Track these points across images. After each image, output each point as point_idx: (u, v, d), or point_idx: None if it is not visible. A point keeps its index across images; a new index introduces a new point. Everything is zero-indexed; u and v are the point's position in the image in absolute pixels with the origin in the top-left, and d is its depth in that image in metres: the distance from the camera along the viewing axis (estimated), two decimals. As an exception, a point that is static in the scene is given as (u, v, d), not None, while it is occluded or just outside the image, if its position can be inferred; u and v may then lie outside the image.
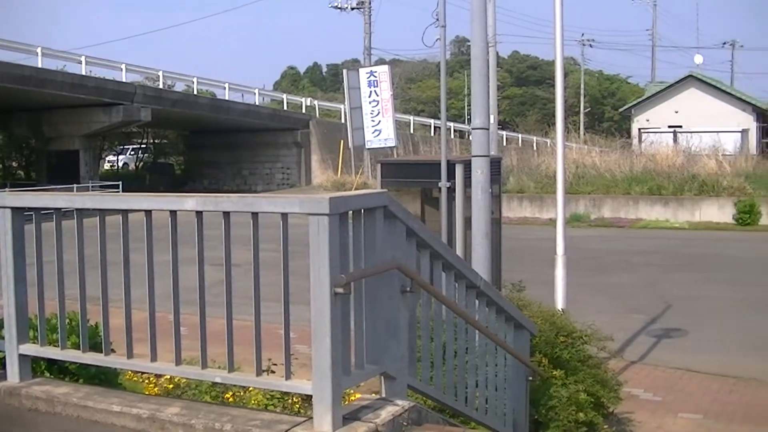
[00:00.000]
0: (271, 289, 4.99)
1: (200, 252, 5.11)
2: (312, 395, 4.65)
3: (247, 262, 4.86)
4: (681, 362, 14.15)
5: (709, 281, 22.70)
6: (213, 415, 5.00)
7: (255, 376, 5.05)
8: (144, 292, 5.29)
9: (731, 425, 11.05)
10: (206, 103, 52.27)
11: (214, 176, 58.41)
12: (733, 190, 38.24)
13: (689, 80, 67.38)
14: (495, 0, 18.98)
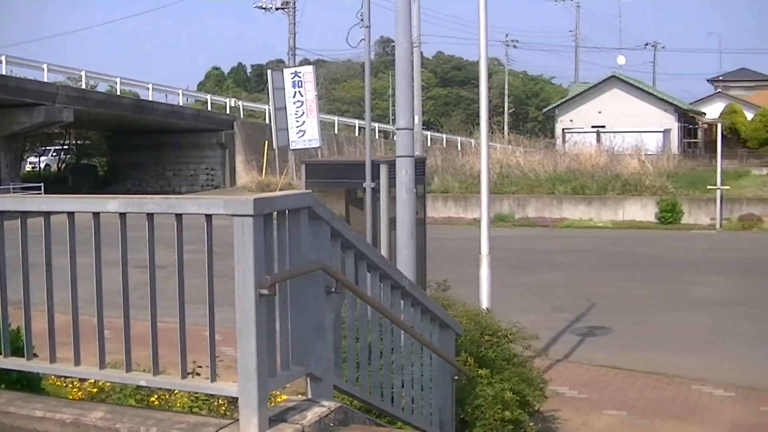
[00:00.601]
0: (195, 291, 4.96)
1: (124, 254, 5.06)
2: (238, 397, 4.63)
3: (172, 264, 4.82)
4: (605, 360, 14.30)
5: (633, 279, 22.96)
6: (138, 419, 4.95)
7: (180, 379, 5.01)
8: (67, 295, 5.22)
9: (654, 421, 11.20)
10: (129, 103, 51.85)
11: (138, 177, 57.90)
12: (655, 190, 38.75)
13: (612, 81, 68.08)
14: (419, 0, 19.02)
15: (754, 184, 43.42)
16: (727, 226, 35.91)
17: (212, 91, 74.81)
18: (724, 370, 13.88)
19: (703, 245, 30.77)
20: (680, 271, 24.32)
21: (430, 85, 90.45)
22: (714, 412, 11.63)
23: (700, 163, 51.94)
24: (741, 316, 18.41)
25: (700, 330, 17.12)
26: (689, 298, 20.56)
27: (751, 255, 28.07)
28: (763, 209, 36.77)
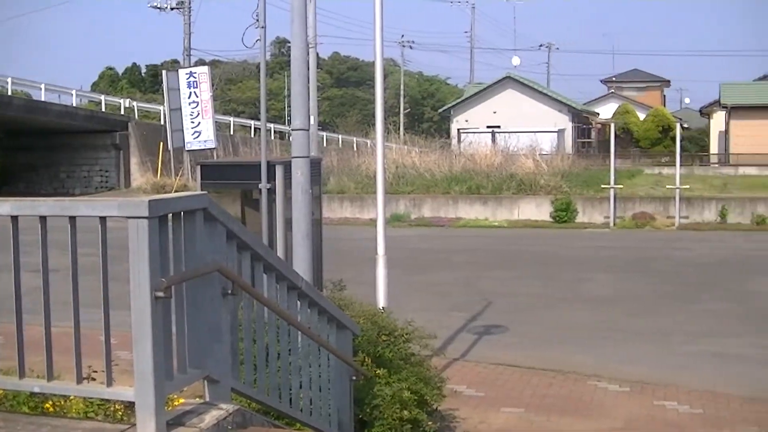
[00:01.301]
0: (90, 295, 4.90)
1: (16, 258, 4.98)
2: (135, 402, 4.59)
3: (66, 267, 4.76)
4: (502, 358, 14.43)
5: (528, 278, 23.23)
6: (32, 426, 4.89)
7: (75, 384, 4.95)
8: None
9: (551, 417, 11.33)
10: (21, 104, 50.91)
11: (30, 179, 56.81)
12: (550, 189, 39.20)
13: (507, 81, 68.76)
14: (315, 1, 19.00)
15: (647, 183, 44.17)
16: (621, 224, 36.47)
17: (106, 92, 73.79)
18: (619, 366, 14.11)
19: (597, 243, 31.23)
20: (574, 269, 24.66)
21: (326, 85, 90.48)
22: (609, 407, 11.81)
23: (593, 163, 52.72)
24: (633, 313, 18.75)
25: (595, 326, 17.39)
26: (583, 295, 20.86)
27: (643, 253, 28.56)
28: (655, 208, 37.42)
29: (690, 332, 16.82)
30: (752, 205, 36.85)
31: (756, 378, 13.55)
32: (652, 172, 53.03)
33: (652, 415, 11.54)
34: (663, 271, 24.53)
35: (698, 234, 33.97)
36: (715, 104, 71.53)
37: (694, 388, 12.81)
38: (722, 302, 19.92)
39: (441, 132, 73.72)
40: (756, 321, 17.95)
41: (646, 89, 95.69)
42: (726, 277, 23.29)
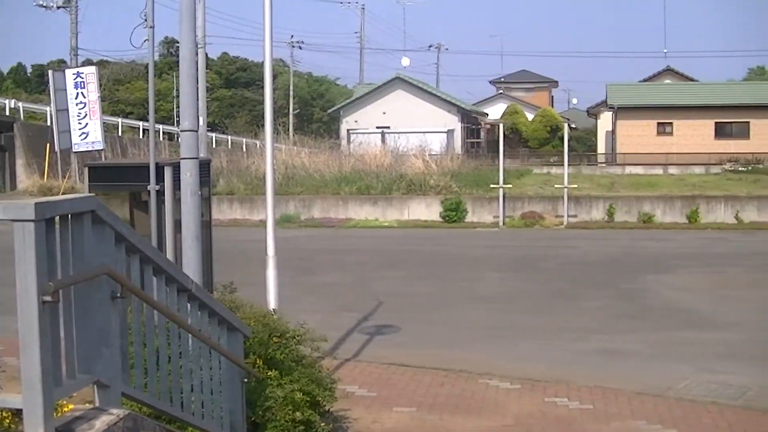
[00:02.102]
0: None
1: None
2: (22, 409, 4.50)
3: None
4: (394, 358, 14.44)
5: (419, 277, 23.32)
6: None
7: (-41, 391, 4.84)
8: None
9: (443, 416, 11.37)
10: None
11: None
12: (439, 189, 39.45)
13: (396, 82, 69.02)
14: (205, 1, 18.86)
15: (536, 183, 44.72)
16: (510, 223, 36.86)
17: (-11, 92, 72.36)
18: (510, 364, 14.23)
19: (487, 243, 31.51)
20: (465, 269, 24.84)
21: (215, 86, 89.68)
22: (501, 405, 11.90)
23: (483, 163, 53.22)
24: (523, 311, 18.96)
25: (485, 325, 17.53)
26: (474, 294, 21.02)
27: (533, 251, 28.89)
28: (544, 207, 37.91)
29: (580, 329, 17.06)
30: (638, 203, 37.57)
31: (644, 373, 13.79)
32: (540, 172, 53.70)
33: (544, 411, 11.66)
34: (552, 270, 24.85)
35: (586, 232, 34.50)
36: (602, 105, 72.80)
37: (584, 384, 12.97)
38: (611, 299, 20.25)
39: (331, 133, 73.72)
40: (643, 317, 18.27)
41: (535, 90, 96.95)
42: (614, 274, 23.67)
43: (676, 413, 11.54)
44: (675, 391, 12.70)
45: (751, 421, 11.25)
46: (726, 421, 11.22)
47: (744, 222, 36.40)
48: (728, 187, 43.22)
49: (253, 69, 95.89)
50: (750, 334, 16.75)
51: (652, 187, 42.97)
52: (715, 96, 65.22)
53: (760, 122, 63.00)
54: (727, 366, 14.22)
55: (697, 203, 37.29)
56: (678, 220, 36.82)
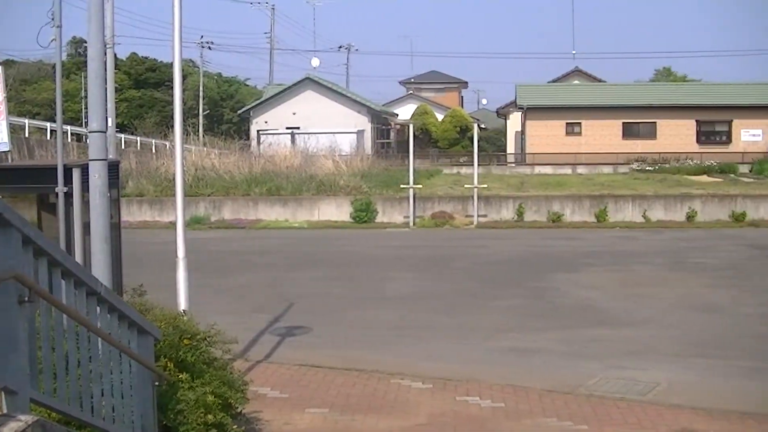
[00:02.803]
0: None
1: None
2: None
3: None
4: (306, 359, 14.42)
5: (330, 278, 23.31)
6: None
7: None
8: None
9: (356, 416, 11.37)
10: None
11: None
12: (350, 189, 39.48)
13: (306, 82, 68.93)
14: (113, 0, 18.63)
15: (446, 183, 44.97)
16: (420, 223, 36.99)
17: None
18: (422, 363, 14.29)
19: (398, 243, 31.59)
20: (376, 269, 24.88)
21: (124, 86, 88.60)
22: (413, 405, 11.93)
23: (393, 163, 53.39)
24: (434, 311, 19.03)
25: (397, 325, 17.58)
26: (385, 294, 21.07)
27: (443, 251, 29.02)
28: (454, 207, 38.10)
29: (490, 328, 17.17)
30: (548, 203, 37.94)
31: (554, 370, 13.95)
32: (450, 172, 54.06)
33: (456, 410, 11.72)
34: (463, 269, 24.99)
35: (496, 232, 34.77)
36: (512, 105, 73.44)
37: (495, 382, 13.07)
38: (521, 298, 20.42)
39: (241, 134, 73.32)
40: (553, 316, 18.46)
41: (444, 90, 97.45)
42: (524, 273, 23.87)
43: (586, 410, 11.68)
44: (585, 388, 12.86)
45: (659, 416, 11.41)
46: (635, 416, 11.38)
47: (651, 221, 36.96)
48: (636, 186, 43.84)
49: (163, 69, 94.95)
50: (658, 330, 17.00)
51: (561, 187, 43.42)
52: (623, 97, 66.13)
53: (666, 122, 63.99)
54: (635, 362, 14.43)
55: (605, 202, 37.78)
56: (587, 219, 37.26)
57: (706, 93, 67.32)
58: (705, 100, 64.80)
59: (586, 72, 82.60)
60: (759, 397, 11.67)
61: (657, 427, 10.95)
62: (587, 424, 11.03)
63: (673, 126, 63.87)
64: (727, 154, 61.04)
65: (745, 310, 19.04)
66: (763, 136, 64.38)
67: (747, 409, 11.63)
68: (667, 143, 62.70)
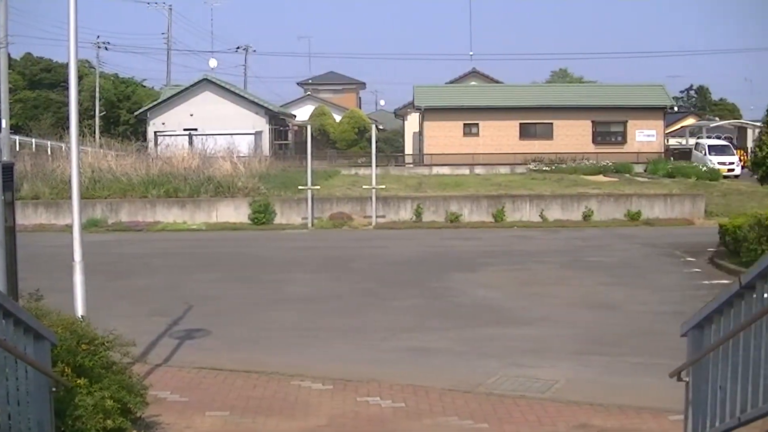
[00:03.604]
0: None
1: None
2: None
3: None
4: (205, 361, 14.33)
5: (229, 280, 23.20)
6: None
7: None
8: None
9: (257, 419, 11.33)
10: None
11: None
12: (248, 191, 39.32)
13: (204, 83, 68.48)
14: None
15: (344, 184, 45.05)
16: (319, 224, 36.96)
17: None
18: (322, 365, 14.30)
19: (297, 244, 31.56)
20: (275, 270, 24.82)
21: (18, 87, 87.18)
22: (314, 406, 11.93)
23: (291, 164, 53.32)
24: (334, 312, 19.06)
25: (297, 326, 17.57)
26: (284, 296, 21.02)
27: (342, 252, 29.03)
28: (352, 208, 38.14)
29: (390, 328, 17.24)
30: (446, 203, 38.15)
31: (454, 370, 14.06)
32: (349, 173, 54.17)
33: (356, 411, 11.74)
34: (362, 270, 25.04)
35: (395, 232, 34.89)
36: (410, 106, 73.84)
37: (395, 382, 13.11)
38: (420, 298, 20.52)
39: (138, 135, 72.42)
40: (452, 315, 18.57)
41: (342, 91, 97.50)
42: (423, 273, 23.99)
43: (486, 408, 11.78)
44: (485, 387, 12.98)
45: (558, 413, 11.56)
46: (535, 414, 11.51)
47: (549, 220, 37.38)
48: (533, 186, 44.38)
49: (58, 70, 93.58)
50: (556, 329, 17.22)
51: (459, 187, 43.75)
52: (520, 97, 66.88)
53: (563, 123, 64.88)
54: (534, 360, 14.60)
55: (503, 202, 38.11)
56: (485, 219, 37.54)
57: (601, 94, 68.42)
58: (600, 102, 65.84)
59: (484, 73, 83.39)
60: (653, 392, 11.85)
61: (556, 423, 11.09)
62: (487, 423, 11.12)
63: (570, 126, 64.79)
64: (622, 154, 62.13)
65: (639, 308, 19.39)
66: (657, 136, 65.66)
67: (642, 404, 11.82)
68: (563, 143, 63.58)
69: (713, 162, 56.13)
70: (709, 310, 7.57)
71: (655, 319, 17.93)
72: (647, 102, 66.03)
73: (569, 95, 68.67)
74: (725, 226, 25.73)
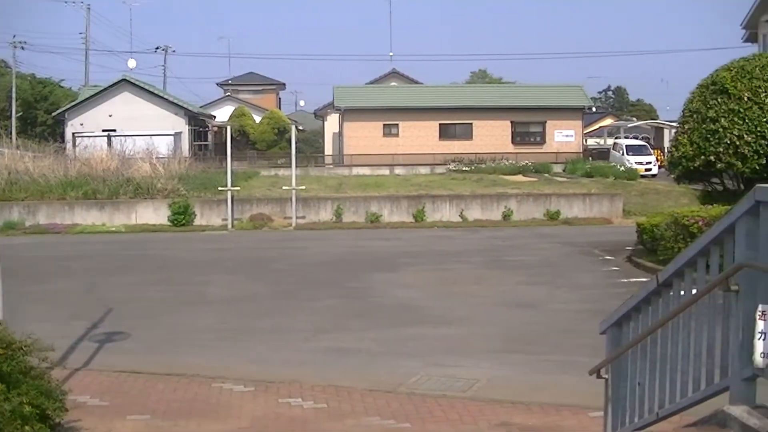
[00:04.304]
0: None
1: None
2: None
3: None
4: (125, 365, 14.23)
5: (149, 283, 23.06)
6: None
7: None
8: None
9: (179, 421, 11.27)
10: None
11: None
12: (167, 192, 39.08)
13: (123, 84, 67.80)
14: None
15: (264, 185, 44.92)
16: (239, 226, 36.85)
17: None
18: (243, 366, 14.28)
19: (217, 246, 31.43)
20: (196, 272, 24.70)
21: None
22: (235, 408, 11.90)
23: (211, 165, 52.98)
24: (255, 313, 19.04)
25: (217, 328, 17.52)
26: (205, 297, 20.94)
27: (262, 253, 28.98)
28: (272, 209, 38.08)
29: (311, 329, 17.25)
30: (366, 203, 38.25)
31: (375, 370, 14.11)
32: (268, 174, 54.00)
33: (278, 412, 11.73)
34: (282, 271, 25.01)
35: (315, 233, 34.92)
36: (329, 107, 73.79)
37: (317, 383, 13.13)
38: (341, 299, 20.57)
39: (56, 136, 71.43)
40: (373, 315, 18.66)
41: (262, 92, 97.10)
42: (344, 274, 24.04)
43: (408, 408, 11.83)
44: (406, 387, 13.04)
45: (480, 411, 11.64)
46: (456, 412, 11.58)
47: (469, 220, 37.63)
48: (453, 186, 44.57)
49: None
50: (476, 328, 17.36)
51: (379, 188, 43.83)
52: (440, 98, 67.08)
53: (482, 123, 65.19)
54: (455, 360, 14.70)
55: (423, 202, 38.29)
56: (405, 220, 37.70)
57: (520, 95, 68.91)
58: (520, 102, 66.30)
59: (404, 74, 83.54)
60: (573, 390, 11.99)
61: (478, 422, 11.17)
62: (409, 422, 11.17)
63: (489, 127, 65.14)
64: (541, 154, 62.57)
65: (559, 306, 19.60)
66: (576, 136, 66.28)
67: (562, 401, 11.95)
68: (483, 144, 63.89)
69: (631, 162, 56.76)
70: (627, 308, 7.67)
71: (574, 318, 18.12)
72: (566, 102, 66.60)
73: (489, 96, 69.04)
74: (643, 224, 26.08)
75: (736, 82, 28.84)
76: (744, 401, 5.64)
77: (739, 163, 28.23)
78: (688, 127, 30.32)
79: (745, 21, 41.86)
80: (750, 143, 27.80)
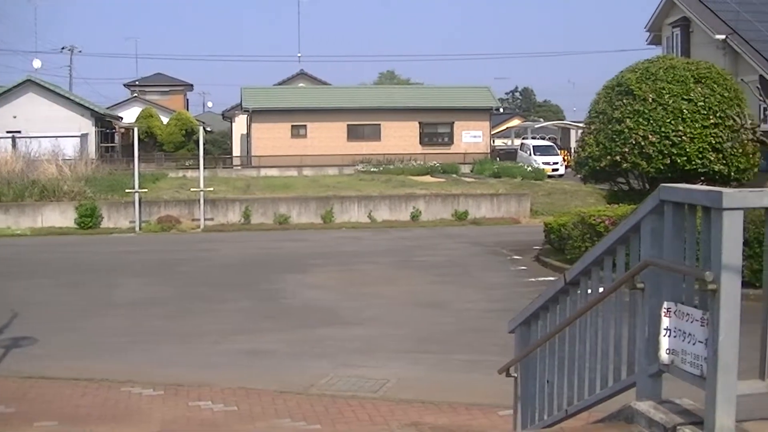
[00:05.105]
0: None
1: None
2: None
3: None
4: (33, 370, 14.04)
5: (57, 286, 22.77)
6: None
7: None
8: None
9: (88, 427, 11.15)
10: None
11: None
12: (74, 195, 38.56)
13: (27, 85, 66.81)
14: None
15: (171, 187, 44.59)
16: (147, 228, 36.50)
17: None
18: (153, 370, 14.19)
19: (125, 248, 31.10)
20: (104, 275, 24.44)
21: None
22: (146, 412, 11.82)
23: (118, 167, 52.57)
24: (164, 316, 18.92)
25: (126, 332, 17.34)
26: (113, 301, 20.74)
27: (171, 255, 28.77)
28: (180, 210, 37.77)
29: (221, 332, 17.18)
30: (274, 205, 38.12)
31: (286, 371, 14.11)
32: (176, 176, 53.68)
33: (188, 416, 11.68)
34: (191, 273, 24.87)
35: (224, 235, 34.76)
36: (237, 108, 73.51)
37: (227, 386, 13.09)
38: (251, 300, 20.52)
39: (-43, 138, 70.37)
40: (283, 317, 18.66)
41: (170, 93, 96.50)
42: (253, 275, 23.97)
43: (318, 409, 11.86)
44: (317, 388, 13.06)
45: (390, 411, 11.70)
46: (367, 413, 11.63)
47: (377, 221, 37.71)
48: (361, 187, 44.64)
49: None
50: (386, 328, 17.43)
51: (287, 189, 43.75)
52: (348, 99, 67.19)
53: (390, 124, 65.46)
54: (365, 360, 14.76)
55: (331, 203, 38.29)
56: (314, 221, 37.65)
57: (428, 96, 69.31)
58: (427, 103, 66.73)
59: (312, 75, 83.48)
60: (483, 389, 12.11)
61: (388, 422, 11.21)
62: (320, 423, 11.20)
63: (397, 128, 65.42)
64: (449, 154, 63.04)
65: (468, 306, 19.75)
66: (483, 137, 66.85)
67: (472, 400, 12.05)
68: (391, 145, 64.15)
69: (538, 162, 57.45)
70: (535, 307, 7.77)
71: (483, 317, 18.29)
72: (473, 103, 67.14)
73: (397, 97, 69.33)
74: (550, 224, 26.37)
75: (641, 84, 29.21)
76: (650, 396, 5.74)
77: (644, 163, 28.58)
78: (595, 128, 30.65)
79: (649, 24, 42.52)
80: (654, 143, 28.17)
